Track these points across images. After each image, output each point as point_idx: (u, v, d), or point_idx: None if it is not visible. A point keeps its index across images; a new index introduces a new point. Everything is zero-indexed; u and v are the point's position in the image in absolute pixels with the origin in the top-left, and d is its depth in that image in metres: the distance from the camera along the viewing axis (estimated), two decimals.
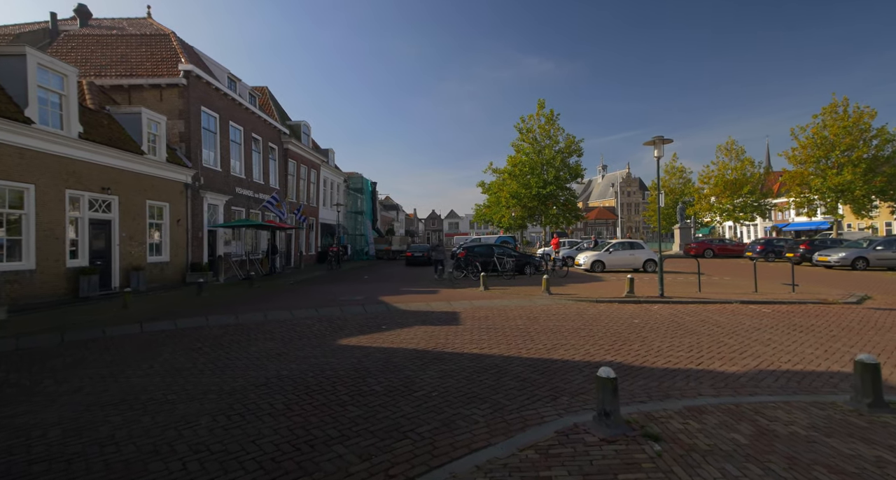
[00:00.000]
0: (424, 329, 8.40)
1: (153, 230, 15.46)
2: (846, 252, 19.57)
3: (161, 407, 4.48)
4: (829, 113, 30.86)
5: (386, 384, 5.21)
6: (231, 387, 5.10)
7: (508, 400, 4.72)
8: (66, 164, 11.86)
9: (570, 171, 34.66)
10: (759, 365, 5.94)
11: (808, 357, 6.27)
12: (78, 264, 12.16)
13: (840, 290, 12.50)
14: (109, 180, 13.30)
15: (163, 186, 15.69)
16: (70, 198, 12.01)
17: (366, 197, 42.22)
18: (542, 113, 34.48)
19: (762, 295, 11.47)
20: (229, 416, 4.24)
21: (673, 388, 5.05)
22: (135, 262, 14.21)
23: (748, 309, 10.09)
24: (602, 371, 3.82)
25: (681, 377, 5.49)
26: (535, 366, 5.93)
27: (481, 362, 6.15)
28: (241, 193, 21.16)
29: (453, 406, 4.51)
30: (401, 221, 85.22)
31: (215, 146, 19.15)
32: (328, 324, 8.92)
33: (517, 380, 5.36)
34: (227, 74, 20.91)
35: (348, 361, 6.24)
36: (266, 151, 24.15)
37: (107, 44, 18.47)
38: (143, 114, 14.88)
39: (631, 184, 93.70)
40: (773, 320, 8.79)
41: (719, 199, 41.74)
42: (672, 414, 4.16)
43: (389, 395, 4.85)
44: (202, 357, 6.50)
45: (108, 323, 8.80)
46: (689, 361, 6.14)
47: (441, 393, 4.90)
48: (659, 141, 11.11)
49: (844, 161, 29.63)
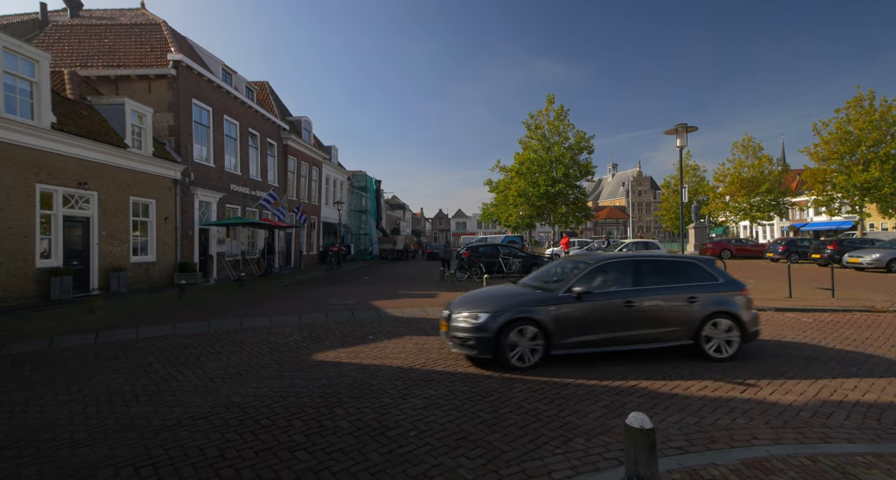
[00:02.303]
0: (416, 340, 7.37)
1: (138, 228, 14.63)
2: (880, 253, 18.16)
3: (56, 454, 3.49)
4: (853, 106, 29.29)
5: (356, 417, 4.19)
6: (162, 422, 4.10)
7: (507, 442, 3.67)
8: (37, 157, 11.03)
9: (579, 169, 33.45)
10: (820, 392, 4.82)
11: (877, 382, 5.12)
12: (50, 264, 11.33)
13: (884, 296, 11.23)
14: (88, 175, 12.46)
15: (149, 182, 14.85)
16: (41, 193, 11.17)
17: (370, 195, 41.28)
18: (552, 108, 33.32)
19: (798, 302, 10.27)
20: (139, 469, 3.23)
21: (717, 427, 3.96)
22: (116, 262, 13.37)
23: (786, 317, 8.91)
24: (634, 418, 2.75)
25: (723, 408, 4.39)
26: (542, 391, 4.87)
27: (477, 385, 5.11)
28: (237, 190, 20.32)
29: (434, 454, 3.47)
30: (407, 221, 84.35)
31: (208, 141, 18.30)
32: (308, 334, 7.92)
33: (519, 412, 4.31)
34: (221, 66, 20.08)
35: (318, 383, 5.23)
36: (264, 147, 23.30)
37: (95, 34, 17.72)
38: (127, 105, 14.04)
39: (642, 182, 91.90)
40: (818, 332, 7.63)
41: (735, 198, 40.21)
42: (726, 474, 3.08)
43: (356, 435, 3.82)
44: (147, 377, 5.53)
45: (63, 331, 7.89)
46: (730, 386, 5.03)
47: (422, 433, 3.86)
48: (682, 129, 9.97)
49: (871, 157, 28.07)
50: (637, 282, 5.95)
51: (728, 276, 6.34)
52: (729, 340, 5.90)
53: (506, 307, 5.69)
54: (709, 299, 5.91)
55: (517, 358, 5.53)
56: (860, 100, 29.09)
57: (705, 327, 5.83)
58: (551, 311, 5.60)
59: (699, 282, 6.06)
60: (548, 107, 33.42)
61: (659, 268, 6.24)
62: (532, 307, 5.65)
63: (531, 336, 5.54)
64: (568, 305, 5.66)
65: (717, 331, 5.87)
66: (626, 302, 5.76)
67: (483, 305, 5.85)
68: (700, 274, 6.16)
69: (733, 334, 5.89)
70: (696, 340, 5.83)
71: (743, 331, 5.92)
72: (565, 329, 5.59)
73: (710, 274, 6.19)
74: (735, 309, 5.93)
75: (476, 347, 5.61)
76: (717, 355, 5.85)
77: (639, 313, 5.77)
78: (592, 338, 5.69)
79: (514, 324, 5.50)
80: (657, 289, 5.95)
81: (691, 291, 5.94)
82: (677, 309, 5.88)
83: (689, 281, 6.06)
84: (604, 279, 6.02)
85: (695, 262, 6.37)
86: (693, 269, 6.22)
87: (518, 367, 5.51)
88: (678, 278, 6.09)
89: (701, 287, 6.01)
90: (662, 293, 5.95)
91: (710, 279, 6.13)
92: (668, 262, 6.42)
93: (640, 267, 6.16)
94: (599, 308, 5.73)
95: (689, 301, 5.88)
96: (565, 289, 5.76)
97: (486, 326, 5.52)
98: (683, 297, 5.89)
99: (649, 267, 6.22)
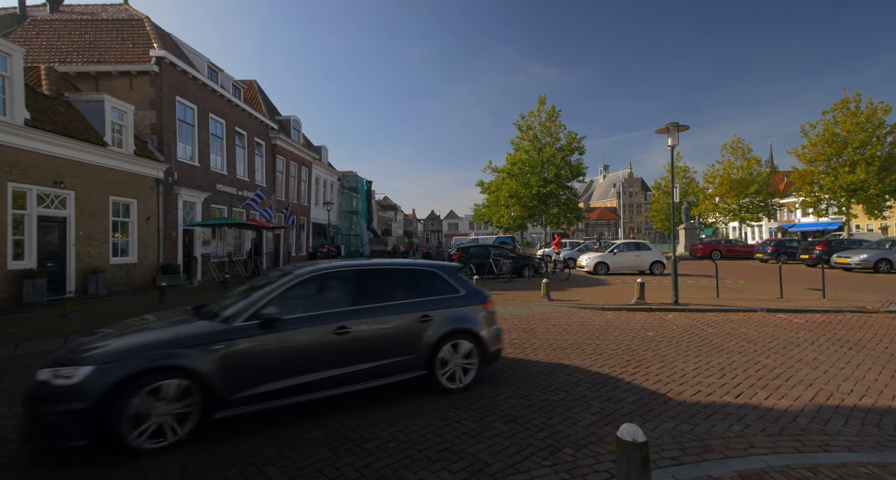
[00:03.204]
0: None
1: (119, 229, 14.21)
2: (868, 253, 18.28)
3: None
4: (840, 108, 29.59)
5: (332, 428, 3.94)
6: None
7: (492, 454, 3.45)
8: (10, 155, 10.62)
9: (571, 169, 33.39)
10: (816, 397, 4.67)
11: (874, 385, 4.99)
12: (23, 266, 10.91)
13: (874, 296, 11.21)
14: (64, 173, 12.05)
15: (130, 181, 14.44)
16: (14, 192, 10.76)
17: (361, 196, 40.95)
18: (544, 109, 33.25)
19: (789, 302, 10.19)
20: None
21: (712, 435, 3.78)
22: (95, 264, 12.95)
23: (777, 318, 8.80)
24: (626, 430, 2.55)
25: (718, 415, 4.22)
26: (530, 398, 4.66)
27: (463, 391, 4.87)
28: (223, 190, 19.91)
29: (414, 468, 3.24)
30: (399, 222, 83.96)
31: (193, 139, 17.89)
32: None
33: (506, 420, 4.09)
34: (207, 64, 19.67)
35: None
36: (252, 147, 22.90)
37: (75, 29, 17.26)
38: (107, 102, 13.63)
39: (633, 184, 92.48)
40: (811, 333, 7.51)
41: (724, 199, 40.48)
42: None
43: (331, 446, 3.58)
44: None
45: (32, 335, 7.52)
46: (725, 390, 4.86)
47: (401, 444, 3.63)
48: (673, 128, 9.85)
49: (858, 159, 28.36)
50: (357, 300, 4.53)
51: (472, 287, 5.35)
52: (466, 367, 4.88)
53: (130, 351, 3.53)
54: (447, 316, 4.85)
55: (148, 435, 3.39)
56: (847, 103, 29.38)
57: (441, 350, 4.72)
58: (216, 352, 3.69)
59: (436, 296, 4.97)
60: (539, 107, 33.35)
61: (386, 280, 4.93)
62: (179, 349, 3.60)
63: (175, 394, 3.49)
64: (247, 340, 3.86)
65: (456, 356, 4.82)
66: (339, 327, 4.24)
67: (91, 350, 3.56)
68: (438, 286, 5.09)
69: (472, 360, 4.90)
70: (429, 369, 4.67)
71: (483, 353, 4.99)
72: (240, 377, 3.76)
73: (450, 284, 5.16)
74: (476, 327, 4.96)
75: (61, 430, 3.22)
76: (450, 385, 4.77)
77: (357, 342, 4.31)
78: (285, 385, 3.95)
79: (141, 380, 3.38)
80: (382, 308, 4.60)
81: (426, 307, 4.79)
82: (407, 331, 4.62)
83: (424, 294, 4.94)
84: (309, 297, 4.57)
85: (433, 270, 5.23)
86: (430, 279, 5.12)
87: (145, 450, 3.38)
88: (411, 291, 4.91)
89: (438, 301, 4.92)
90: (388, 312, 4.61)
91: (449, 291, 5.10)
92: (401, 271, 5.16)
93: (363, 279, 4.76)
94: (298, 339, 4.09)
95: (423, 320, 4.70)
96: (247, 316, 3.96)
97: (83, 390, 3.24)
98: (415, 316, 4.69)
99: (374, 278, 4.86)
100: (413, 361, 4.61)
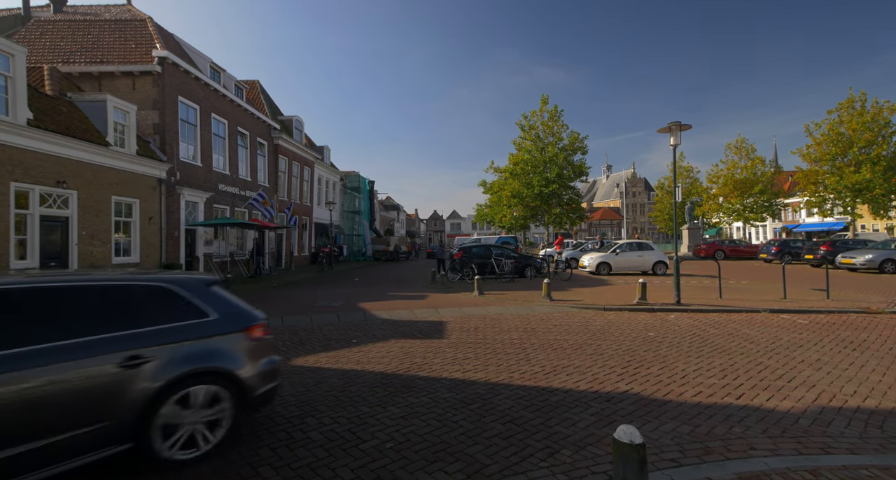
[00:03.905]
0: (401, 343, 7.10)
1: (121, 229, 14.25)
2: (873, 254, 18.11)
3: None
4: (845, 108, 29.37)
5: (329, 428, 3.93)
6: None
7: (489, 455, 3.43)
8: (12, 154, 10.65)
9: (573, 169, 33.34)
10: (819, 398, 4.62)
11: (877, 386, 4.93)
12: (25, 266, 10.94)
13: (879, 297, 11.10)
14: (67, 173, 12.08)
15: (132, 181, 14.47)
16: (17, 192, 10.79)
17: (363, 196, 40.94)
18: (546, 109, 33.21)
19: (793, 303, 10.10)
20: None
21: (712, 436, 3.74)
22: (97, 263, 12.98)
23: (780, 319, 8.73)
24: (623, 431, 2.52)
25: (719, 416, 4.18)
26: (529, 399, 4.63)
27: (462, 392, 4.86)
28: (225, 190, 19.94)
29: (410, 469, 3.22)
30: (401, 222, 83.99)
31: (195, 139, 17.93)
32: (290, 337, 7.63)
33: (504, 421, 4.06)
34: (209, 64, 19.71)
35: (294, 389, 4.97)
36: (254, 147, 22.94)
37: (78, 29, 17.32)
38: (109, 102, 13.67)
39: (636, 184, 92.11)
40: (814, 334, 7.44)
41: (728, 199, 40.26)
42: None
43: (327, 447, 3.56)
44: None
45: None
46: (726, 392, 4.82)
47: (399, 444, 3.61)
48: (675, 127, 9.79)
49: (863, 158, 28.14)
50: (21, 338, 2.83)
51: (232, 306, 3.82)
52: (213, 421, 3.40)
53: None
54: (179, 354, 3.31)
55: None
56: (852, 102, 29.16)
57: (164, 407, 3.14)
58: None
59: (163, 324, 3.36)
60: (542, 107, 33.30)
61: (72, 306, 3.15)
62: None
63: None
64: None
65: (189, 412, 3.27)
66: None
67: None
68: (171, 310, 3.48)
69: (220, 408, 3.43)
70: (139, 438, 3.05)
71: (243, 398, 3.55)
72: None
73: (194, 306, 3.58)
74: (231, 365, 3.53)
75: None
76: (183, 454, 3.22)
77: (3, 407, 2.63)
78: None
79: None
80: (49, 351, 2.84)
81: (137, 344, 3.14)
82: (97, 384, 2.95)
83: (142, 323, 3.29)
84: None
85: (164, 287, 3.57)
86: (157, 301, 3.49)
87: None
88: (117, 321, 3.21)
89: (163, 333, 3.31)
90: (61, 357, 2.86)
91: (191, 315, 3.53)
92: (101, 291, 3.34)
93: (41, 303, 3.04)
94: None
95: (128, 364, 3.05)
96: None
97: None
98: (115, 359, 3.03)
99: (61, 302, 3.12)
100: (107, 432, 2.94)
